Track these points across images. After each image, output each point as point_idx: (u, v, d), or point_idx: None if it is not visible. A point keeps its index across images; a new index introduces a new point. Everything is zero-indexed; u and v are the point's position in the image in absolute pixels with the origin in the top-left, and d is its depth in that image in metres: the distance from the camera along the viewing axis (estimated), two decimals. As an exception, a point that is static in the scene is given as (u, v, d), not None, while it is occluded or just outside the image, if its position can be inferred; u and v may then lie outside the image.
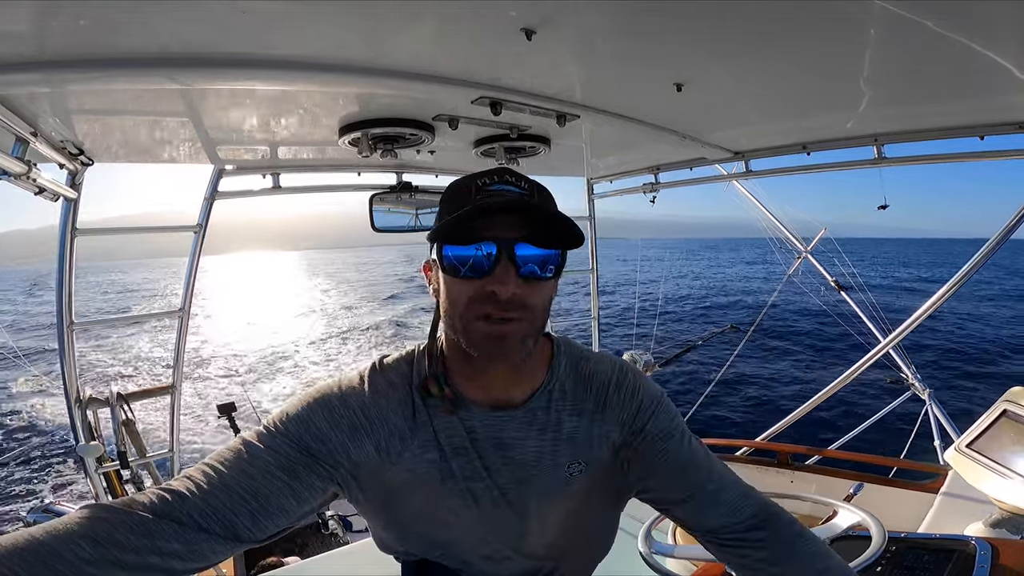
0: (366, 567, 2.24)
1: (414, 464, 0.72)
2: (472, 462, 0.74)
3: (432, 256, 0.71)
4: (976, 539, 1.22)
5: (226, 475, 0.63)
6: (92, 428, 2.28)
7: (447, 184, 0.74)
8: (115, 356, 18.08)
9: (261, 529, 0.63)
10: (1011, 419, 1.83)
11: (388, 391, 0.73)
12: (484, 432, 0.74)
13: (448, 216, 0.65)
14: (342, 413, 0.70)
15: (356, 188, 2.48)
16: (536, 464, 0.75)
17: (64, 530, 0.53)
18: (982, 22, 1.01)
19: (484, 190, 0.66)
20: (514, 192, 0.67)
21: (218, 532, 0.60)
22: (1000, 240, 2.38)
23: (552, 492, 0.77)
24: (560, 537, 0.81)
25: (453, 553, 0.81)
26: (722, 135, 2.09)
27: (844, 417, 6.96)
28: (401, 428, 0.72)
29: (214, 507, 0.60)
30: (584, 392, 0.79)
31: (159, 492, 0.60)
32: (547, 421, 0.76)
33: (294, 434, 0.67)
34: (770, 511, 0.77)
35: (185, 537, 0.58)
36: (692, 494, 0.76)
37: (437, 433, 0.73)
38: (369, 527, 0.87)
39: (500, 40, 1.09)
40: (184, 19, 0.92)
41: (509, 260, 0.64)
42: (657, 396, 0.81)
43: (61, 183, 1.72)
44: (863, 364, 3.01)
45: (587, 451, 0.77)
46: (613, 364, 0.82)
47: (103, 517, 0.55)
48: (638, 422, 0.78)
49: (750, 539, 0.75)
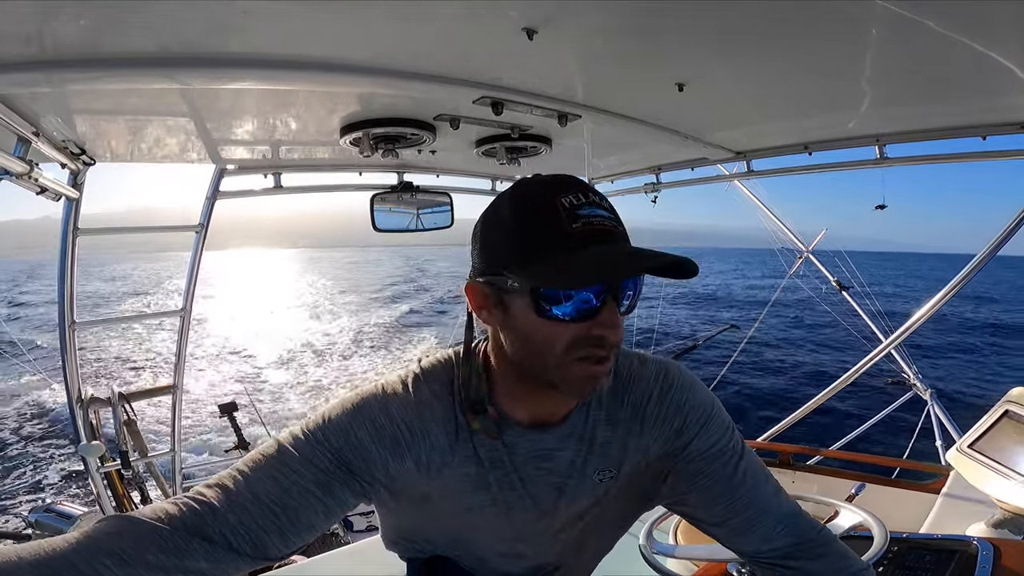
0: (368, 567, 2.24)
1: (452, 477, 0.70)
2: (509, 475, 0.72)
3: (483, 277, 0.63)
4: (978, 539, 1.21)
5: (259, 486, 0.60)
6: (94, 427, 2.29)
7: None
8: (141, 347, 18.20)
9: (288, 545, 0.61)
10: (1013, 419, 1.83)
11: (432, 402, 0.69)
12: (524, 447, 0.71)
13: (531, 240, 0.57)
14: (384, 424, 0.66)
15: (357, 188, 2.48)
16: (568, 472, 0.73)
17: (90, 544, 0.52)
18: (984, 22, 1.01)
19: (575, 214, 0.57)
20: (602, 216, 0.59)
21: (247, 552, 0.58)
22: (1001, 240, 2.37)
23: (580, 497, 0.75)
24: (578, 537, 0.80)
25: (471, 551, 0.80)
26: (724, 135, 2.08)
27: (846, 417, 6.95)
28: (442, 443, 0.69)
29: (247, 525, 0.58)
30: (620, 402, 0.74)
31: (189, 503, 0.58)
32: (583, 433, 0.73)
33: (334, 446, 0.64)
34: (815, 541, 0.72)
35: (214, 555, 0.56)
36: (726, 521, 0.72)
37: (477, 448, 0.70)
38: (382, 525, 0.86)
39: (501, 40, 1.09)
40: (185, 19, 0.92)
41: (614, 300, 0.59)
42: (707, 411, 0.74)
43: (63, 183, 1.73)
44: (865, 364, 3.00)
45: (618, 463, 0.74)
46: (658, 372, 0.75)
47: (131, 532, 0.54)
48: (682, 439, 0.73)
49: (781, 565, 0.72)
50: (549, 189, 0.59)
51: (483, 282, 0.63)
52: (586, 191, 0.59)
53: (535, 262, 0.57)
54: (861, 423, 4.06)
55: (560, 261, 0.56)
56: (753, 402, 10.61)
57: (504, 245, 0.60)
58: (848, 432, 3.96)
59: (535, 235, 0.58)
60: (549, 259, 0.56)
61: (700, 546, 0.81)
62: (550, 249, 0.57)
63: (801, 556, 0.72)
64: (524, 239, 0.58)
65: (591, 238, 0.57)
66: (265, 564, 0.61)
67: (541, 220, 0.58)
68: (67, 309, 2.02)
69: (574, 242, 0.56)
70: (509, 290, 0.60)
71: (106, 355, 16.98)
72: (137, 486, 2.73)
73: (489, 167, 2.42)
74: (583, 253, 0.56)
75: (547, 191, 0.59)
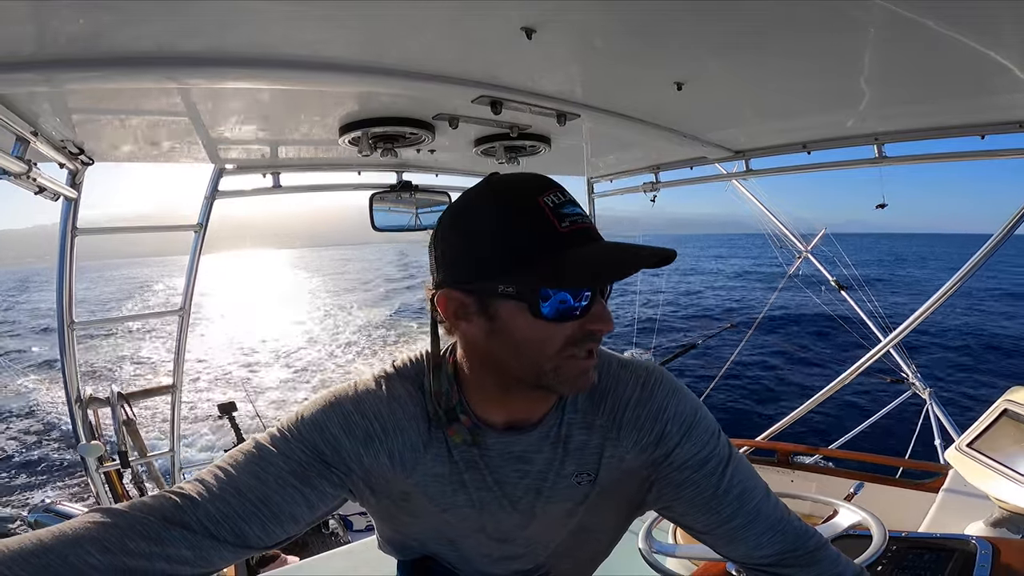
0: (366, 567, 2.25)
1: (426, 475, 0.71)
2: (484, 476, 0.72)
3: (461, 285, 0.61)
4: (977, 538, 1.21)
5: (238, 480, 0.62)
6: (93, 427, 2.29)
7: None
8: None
9: (271, 536, 0.63)
10: (1011, 418, 1.83)
11: (405, 399, 0.70)
12: (497, 448, 0.72)
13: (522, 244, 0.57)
14: (357, 421, 0.67)
15: (356, 187, 2.48)
16: (545, 474, 0.73)
17: (73, 535, 0.53)
18: (983, 22, 1.01)
19: (559, 213, 0.58)
20: (580, 213, 0.60)
21: (228, 539, 0.59)
22: (1002, 238, 2.37)
23: (559, 499, 0.75)
24: (563, 541, 0.80)
25: (458, 552, 0.80)
26: (722, 134, 2.09)
27: (845, 416, 6.96)
28: (415, 441, 0.70)
29: (225, 513, 0.60)
30: (597, 407, 0.73)
31: (170, 496, 0.59)
32: (558, 435, 0.73)
33: (308, 440, 0.66)
34: (806, 548, 0.71)
35: (195, 543, 0.57)
36: (713, 529, 0.72)
37: (451, 448, 0.71)
38: (377, 528, 0.86)
39: (500, 39, 1.09)
40: (185, 19, 0.92)
41: (601, 294, 0.61)
42: (688, 419, 0.72)
43: (61, 183, 1.72)
44: (864, 363, 3.01)
45: (594, 467, 0.74)
46: (638, 377, 0.73)
47: (113, 522, 0.55)
48: (662, 448, 0.71)
49: (773, 572, 0.72)
50: (527, 190, 0.59)
51: (462, 291, 0.61)
52: (560, 189, 0.61)
53: (532, 264, 0.56)
54: (860, 422, 4.07)
55: (560, 261, 0.56)
56: (752, 401, 10.61)
57: (489, 250, 0.58)
58: (847, 431, 3.97)
59: (526, 238, 0.57)
60: (546, 261, 0.56)
61: (699, 545, 0.80)
62: (545, 251, 0.56)
63: (794, 563, 0.71)
64: (515, 243, 0.57)
65: (579, 236, 0.58)
66: (248, 553, 0.62)
67: (529, 223, 0.57)
68: (66, 309, 2.01)
69: (566, 242, 0.57)
70: (499, 295, 0.59)
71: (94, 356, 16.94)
72: (136, 486, 2.73)
73: (488, 166, 2.41)
74: (580, 251, 0.57)
75: (526, 192, 0.59)
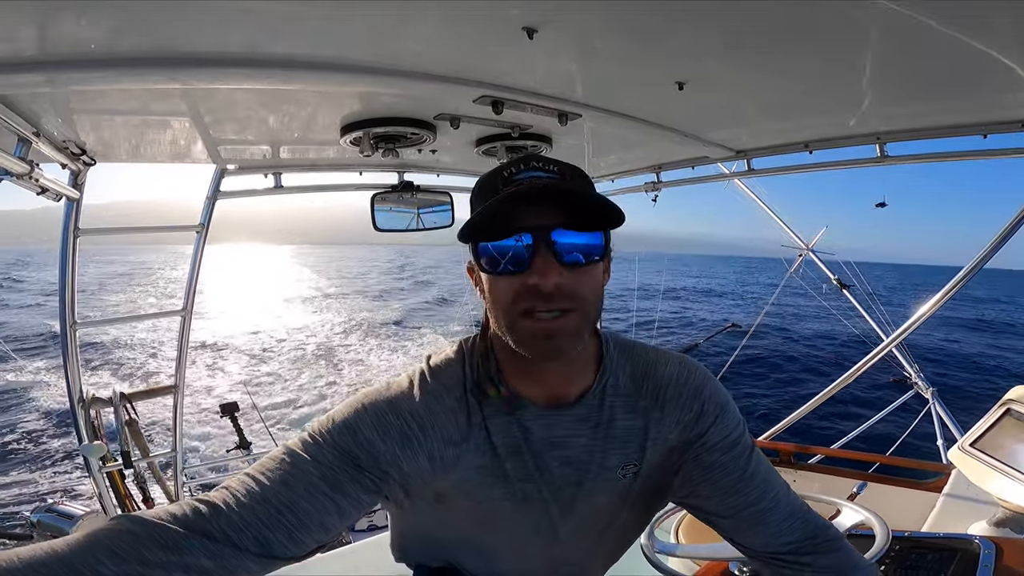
0: (368, 567, 2.25)
1: (468, 468, 0.70)
2: (526, 463, 0.71)
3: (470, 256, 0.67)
4: (980, 538, 1.21)
5: (266, 487, 0.59)
6: (95, 428, 2.29)
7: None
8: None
9: (298, 545, 0.59)
10: (1014, 418, 1.83)
11: (441, 394, 0.69)
12: (539, 432, 0.71)
13: (473, 208, 0.64)
14: (392, 421, 0.66)
15: (358, 187, 2.48)
16: (587, 464, 0.72)
17: (86, 543, 0.51)
18: (985, 22, 1.01)
19: (512, 180, 0.62)
20: (543, 177, 0.62)
21: (251, 549, 0.56)
22: (1003, 237, 2.36)
23: (600, 493, 0.74)
24: (594, 540, 0.80)
25: (485, 558, 0.79)
26: (724, 134, 2.08)
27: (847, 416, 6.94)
28: (454, 435, 0.68)
29: (248, 522, 0.57)
30: (640, 388, 0.74)
31: (194, 504, 0.57)
32: (600, 418, 0.72)
33: (340, 444, 0.63)
34: (824, 537, 0.72)
35: (216, 553, 0.55)
36: (738, 512, 0.72)
37: (491, 435, 0.70)
38: (392, 531, 0.85)
39: (501, 39, 1.09)
40: (185, 19, 0.92)
41: (548, 249, 0.60)
42: (723, 400, 0.76)
43: (63, 183, 1.73)
44: (866, 363, 2.99)
45: (639, 452, 0.73)
46: (676, 361, 0.77)
47: (130, 529, 0.53)
48: (699, 426, 0.73)
49: (790, 562, 0.71)
50: (504, 165, 0.65)
51: (473, 260, 0.67)
52: (531, 160, 0.64)
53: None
54: (863, 422, 4.06)
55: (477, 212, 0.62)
56: (753, 401, 10.59)
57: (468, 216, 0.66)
58: (850, 431, 3.96)
59: (475, 204, 0.64)
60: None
61: (702, 545, 0.80)
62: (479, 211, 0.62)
63: (814, 551, 0.71)
64: (471, 209, 0.66)
65: (513, 196, 0.60)
66: (274, 565, 0.58)
67: (485, 191, 0.64)
68: (68, 309, 2.02)
69: (498, 201, 0.60)
70: (475, 256, 0.65)
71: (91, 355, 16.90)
72: (139, 486, 2.73)
73: (489, 166, 2.40)
74: (485, 206, 0.60)
75: (500, 168, 0.65)
